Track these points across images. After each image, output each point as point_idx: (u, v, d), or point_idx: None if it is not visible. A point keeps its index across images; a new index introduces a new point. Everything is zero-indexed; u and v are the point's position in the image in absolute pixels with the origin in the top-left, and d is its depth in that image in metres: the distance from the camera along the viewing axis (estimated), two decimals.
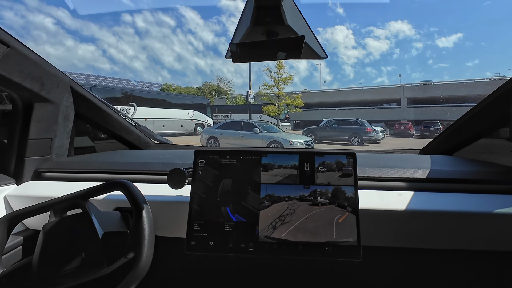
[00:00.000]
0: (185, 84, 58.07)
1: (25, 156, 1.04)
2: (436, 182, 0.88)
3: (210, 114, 21.18)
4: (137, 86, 41.41)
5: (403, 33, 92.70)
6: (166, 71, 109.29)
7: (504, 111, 0.93)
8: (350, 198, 0.74)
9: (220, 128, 10.83)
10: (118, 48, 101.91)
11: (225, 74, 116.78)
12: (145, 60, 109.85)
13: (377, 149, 1.38)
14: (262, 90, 20.85)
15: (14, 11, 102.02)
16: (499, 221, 0.76)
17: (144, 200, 0.74)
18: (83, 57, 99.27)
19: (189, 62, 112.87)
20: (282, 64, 19.72)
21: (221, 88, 44.56)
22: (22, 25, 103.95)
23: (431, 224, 0.79)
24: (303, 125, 21.69)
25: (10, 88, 0.96)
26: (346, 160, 0.77)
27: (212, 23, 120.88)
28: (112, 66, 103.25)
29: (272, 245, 0.72)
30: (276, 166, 0.79)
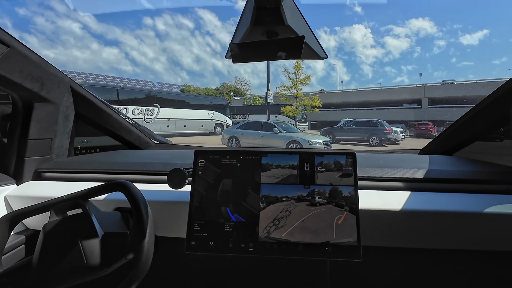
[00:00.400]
0: (203, 85, 59.33)
1: (25, 156, 1.04)
2: (436, 182, 0.88)
3: (229, 115, 21.70)
4: (158, 87, 42.78)
5: (424, 31, 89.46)
6: (185, 72, 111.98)
7: (504, 111, 0.93)
8: (350, 198, 0.74)
9: (240, 128, 11.17)
10: (139, 50, 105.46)
11: (242, 74, 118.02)
12: (165, 62, 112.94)
13: (377, 149, 1.40)
14: (280, 91, 21.12)
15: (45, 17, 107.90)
16: (499, 221, 0.76)
17: (144, 201, 0.74)
18: (107, 59, 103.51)
19: (207, 63, 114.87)
20: (300, 65, 19.90)
21: (239, 89, 45.09)
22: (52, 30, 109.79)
23: (431, 224, 0.79)
24: (320, 125, 21.76)
25: (10, 88, 0.96)
26: (346, 160, 0.78)
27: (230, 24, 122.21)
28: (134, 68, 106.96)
29: (272, 245, 0.72)
30: (276, 166, 0.79)
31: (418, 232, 0.80)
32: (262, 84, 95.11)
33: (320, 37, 60.39)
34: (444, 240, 0.80)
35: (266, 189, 0.77)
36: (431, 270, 0.89)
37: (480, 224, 0.77)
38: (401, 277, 0.92)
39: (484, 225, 0.77)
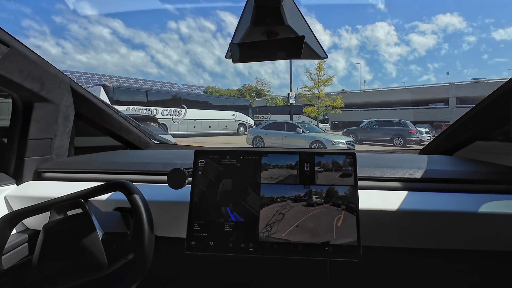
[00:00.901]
0: (225, 86, 60.69)
1: (25, 156, 1.04)
2: (436, 182, 0.88)
3: (251, 115, 22.18)
4: (182, 89, 44.10)
5: (452, 27, 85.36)
6: (207, 73, 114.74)
7: (504, 111, 0.93)
8: (350, 198, 0.74)
9: (264, 128, 11.50)
10: (164, 53, 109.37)
11: (263, 75, 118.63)
12: (188, 64, 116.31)
13: (377, 149, 1.40)
14: (302, 92, 21.28)
15: (79, 23, 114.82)
16: (499, 221, 0.76)
17: (144, 201, 0.74)
18: (134, 63, 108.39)
19: (228, 64, 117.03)
20: (322, 66, 19.87)
21: (260, 89, 45.52)
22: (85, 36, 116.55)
23: (431, 224, 0.79)
24: (342, 126, 21.65)
25: (10, 88, 0.96)
26: (346, 160, 0.78)
27: None
28: (159, 71, 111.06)
29: (272, 245, 0.73)
30: (276, 166, 0.79)
31: (418, 232, 0.80)
32: (282, 85, 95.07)
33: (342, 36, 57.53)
34: (444, 240, 0.80)
35: (266, 189, 0.77)
36: (431, 270, 0.89)
37: (480, 224, 0.77)
38: (401, 277, 0.92)
39: (484, 225, 0.77)
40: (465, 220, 0.77)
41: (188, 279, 1.02)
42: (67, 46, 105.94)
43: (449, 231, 0.79)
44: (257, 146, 10.78)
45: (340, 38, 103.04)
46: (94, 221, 0.73)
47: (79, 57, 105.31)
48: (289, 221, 0.74)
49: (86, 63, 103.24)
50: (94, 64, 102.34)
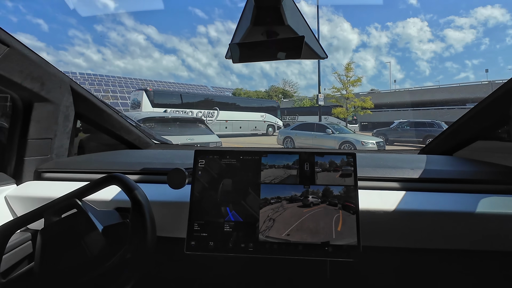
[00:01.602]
0: (252, 88, 61.85)
1: (25, 156, 1.04)
2: (436, 182, 0.88)
3: (280, 116, 22.68)
4: (212, 91, 45.57)
5: (494, 20, 78.94)
6: (234, 75, 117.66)
7: (504, 111, 0.93)
8: (350, 198, 0.74)
9: (294, 129, 11.79)
10: (194, 57, 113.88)
11: (289, 76, 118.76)
12: (217, 67, 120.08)
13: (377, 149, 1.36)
14: (331, 93, 21.28)
15: (117, 31, 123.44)
16: (499, 221, 0.76)
17: (140, 190, 0.73)
18: (166, 66, 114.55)
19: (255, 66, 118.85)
20: (351, 67, 19.80)
21: (287, 91, 45.82)
22: (122, 43, 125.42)
23: (431, 224, 0.79)
24: (372, 126, 21.39)
25: (10, 88, 0.96)
26: (346, 160, 0.78)
27: None
28: (189, 74, 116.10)
29: (272, 245, 0.73)
30: (276, 166, 0.79)
31: (418, 232, 0.80)
32: (309, 85, 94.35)
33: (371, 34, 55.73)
34: (444, 240, 0.80)
35: (266, 189, 0.77)
36: (431, 270, 0.90)
37: (480, 224, 0.77)
38: (401, 277, 0.92)
39: (484, 225, 0.77)
40: (465, 220, 0.77)
41: (188, 279, 1.01)
42: (106, 53, 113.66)
43: (449, 231, 0.79)
44: (287, 146, 11.19)
45: (369, 36, 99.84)
46: (91, 218, 0.71)
47: (117, 62, 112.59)
48: (289, 221, 0.74)
49: (123, 68, 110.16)
50: (130, 69, 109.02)
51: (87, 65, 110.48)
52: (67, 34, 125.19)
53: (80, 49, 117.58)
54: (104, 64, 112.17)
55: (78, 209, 0.73)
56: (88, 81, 34.38)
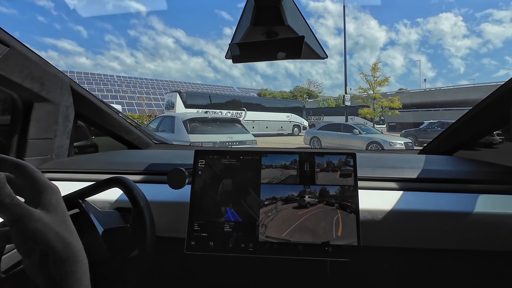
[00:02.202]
0: (276, 88, 62.28)
1: (25, 156, 1.04)
2: (436, 182, 0.88)
3: (305, 117, 23.05)
4: (238, 92, 46.75)
5: None
6: (259, 76, 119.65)
7: (504, 111, 0.93)
8: (350, 198, 0.74)
9: (321, 129, 11.99)
10: (220, 58, 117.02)
11: (314, 76, 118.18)
12: (242, 68, 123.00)
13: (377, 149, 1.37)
14: (357, 93, 20.85)
15: (148, 35, 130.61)
16: (499, 221, 0.77)
17: (142, 195, 0.74)
18: (193, 68, 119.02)
19: (280, 66, 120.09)
20: (378, 67, 19.59)
21: (312, 91, 45.80)
22: (153, 46, 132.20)
23: (431, 224, 0.79)
24: (400, 127, 21.01)
25: (10, 88, 0.96)
26: (346, 160, 0.78)
27: None
28: (215, 75, 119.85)
29: (272, 245, 0.73)
30: (276, 166, 0.79)
31: (418, 232, 0.80)
32: (334, 85, 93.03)
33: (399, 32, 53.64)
34: (444, 240, 0.80)
35: (266, 189, 0.77)
36: (431, 270, 0.90)
37: (480, 224, 0.77)
38: (401, 277, 0.93)
39: (484, 225, 0.77)
40: (465, 220, 0.77)
41: (188, 279, 1.02)
42: (139, 56, 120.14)
43: (449, 231, 0.79)
44: (314, 146, 11.40)
45: (397, 33, 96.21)
46: (92, 219, 0.71)
47: (148, 65, 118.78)
48: (289, 221, 0.74)
49: (154, 70, 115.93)
50: (160, 71, 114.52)
51: (121, 68, 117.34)
52: (103, 39, 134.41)
53: (115, 53, 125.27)
54: (137, 67, 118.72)
55: (80, 209, 0.73)
56: (124, 83, 36.55)
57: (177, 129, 6.33)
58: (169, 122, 6.84)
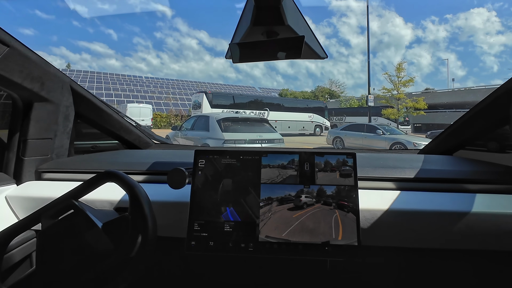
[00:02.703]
0: (297, 88, 62.31)
1: (25, 156, 1.04)
2: (436, 182, 0.89)
3: (327, 117, 23.12)
4: (260, 92, 47.44)
5: None
6: (280, 76, 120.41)
7: (504, 111, 0.93)
8: (350, 198, 0.74)
9: (344, 129, 11.98)
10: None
11: (336, 75, 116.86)
12: (263, 68, 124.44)
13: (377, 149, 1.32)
14: (380, 94, 20.77)
15: (173, 37, 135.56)
16: (499, 221, 0.77)
17: (136, 182, 0.72)
18: (216, 68, 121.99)
19: (301, 66, 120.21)
20: (402, 67, 19.04)
21: (333, 91, 45.45)
22: (177, 48, 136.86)
23: (431, 224, 0.79)
24: (426, 128, 20.53)
25: (10, 88, 0.96)
26: (346, 160, 0.78)
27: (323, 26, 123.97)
28: (237, 75, 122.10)
29: (272, 245, 0.73)
30: (276, 166, 0.79)
31: (418, 232, 0.81)
32: (357, 85, 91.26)
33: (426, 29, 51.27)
34: (444, 240, 0.80)
35: (266, 189, 0.77)
36: (431, 270, 0.90)
37: (480, 224, 0.77)
38: (401, 277, 0.92)
39: (484, 224, 0.77)
40: (465, 220, 0.77)
41: (188, 279, 1.01)
42: (164, 57, 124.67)
43: (449, 231, 0.79)
44: (337, 146, 11.38)
45: (424, 31, 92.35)
46: (89, 215, 0.71)
47: (173, 66, 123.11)
48: (289, 221, 0.74)
49: (178, 71, 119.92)
50: (184, 71, 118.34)
51: (147, 69, 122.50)
52: (131, 41, 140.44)
53: (142, 55, 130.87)
54: (162, 68, 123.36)
55: (75, 209, 0.72)
56: (152, 84, 38.35)
57: (212, 128, 6.78)
58: (203, 121, 7.33)
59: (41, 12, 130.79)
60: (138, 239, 0.66)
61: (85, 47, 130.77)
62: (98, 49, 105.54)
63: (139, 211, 0.68)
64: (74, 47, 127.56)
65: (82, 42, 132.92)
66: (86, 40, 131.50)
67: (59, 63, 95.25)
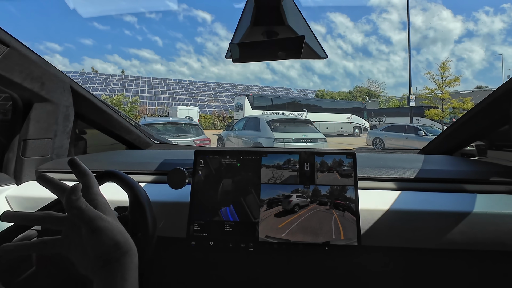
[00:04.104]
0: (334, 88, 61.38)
1: (25, 156, 1.04)
2: (436, 182, 0.89)
3: (366, 118, 23.10)
4: (296, 93, 47.71)
5: None
6: (316, 76, 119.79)
7: (504, 111, 0.93)
8: (350, 198, 0.75)
9: (384, 130, 12.15)
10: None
11: (375, 74, 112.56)
12: (299, 68, 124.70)
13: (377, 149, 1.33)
14: (424, 94, 19.92)
15: (212, 41, 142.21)
16: (499, 221, 0.77)
17: (135, 181, 0.72)
18: (253, 70, 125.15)
19: (338, 65, 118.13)
20: (447, 66, 18.02)
21: (372, 91, 44.24)
22: (216, 51, 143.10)
23: (431, 224, 0.79)
24: None
25: (10, 88, 0.96)
26: (347, 160, 0.78)
27: (362, 23, 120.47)
28: (273, 76, 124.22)
29: (272, 245, 0.73)
30: (276, 166, 0.79)
31: (418, 232, 0.81)
32: (398, 83, 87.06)
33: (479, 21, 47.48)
34: (444, 240, 0.80)
35: (266, 189, 0.77)
36: (431, 270, 0.90)
37: (480, 224, 0.78)
38: (401, 277, 0.93)
39: (484, 225, 0.78)
40: (465, 220, 0.78)
41: (188, 279, 1.01)
42: (204, 61, 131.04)
43: (449, 231, 0.79)
44: (377, 147, 11.51)
45: (476, 23, 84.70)
46: None
47: (212, 69, 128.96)
48: (289, 221, 0.74)
49: (217, 73, 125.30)
50: (223, 74, 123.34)
51: (189, 72, 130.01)
52: (175, 47, 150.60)
53: (184, 59, 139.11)
54: (202, 71, 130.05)
55: None
56: (195, 87, 40.69)
57: (262, 128, 7.58)
58: (253, 122, 8.23)
59: (98, 23, 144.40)
60: (138, 238, 0.65)
61: (134, 53, 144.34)
62: (146, 55, 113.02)
63: (139, 211, 0.68)
64: (125, 54, 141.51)
65: (132, 49, 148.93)
66: (135, 47, 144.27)
67: (113, 69, 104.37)
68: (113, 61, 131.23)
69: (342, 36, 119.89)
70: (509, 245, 0.79)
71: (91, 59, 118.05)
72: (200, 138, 6.68)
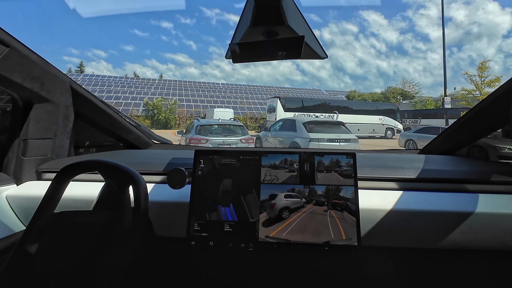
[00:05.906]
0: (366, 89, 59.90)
1: (25, 156, 1.05)
2: (436, 182, 0.89)
3: (399, 119, 22.74)
4: (326, 94, 47.28)
5: None
6: (347, 77, 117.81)
7: (504, 111, 0.93)
8: (350, 198, 0.75)
9: (417, 132, 12.30)
10: (308, 61, 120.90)
11: (411, 74, 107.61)
12: (330, 69, 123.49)
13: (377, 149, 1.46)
14: (460, 96, 19.24)
15: None
16: (499, 221, 0.77)
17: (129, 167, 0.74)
18: (282, 72, 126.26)
19: (371, 65, 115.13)
20: (486, 66, 17.46)
21: (406, 91, 42.85)
22: None
23: (431, 224, 0.80)
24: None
25: (10, 88, 0.97)
26: (346, 160, 0.78)
27: (396, 20, 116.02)
28: (303, 77, 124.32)
29: (272, 245, 0.73)
30: (276, 166, 0.80)
31: (418, 232, 0.81)
32: (436, 83, 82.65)
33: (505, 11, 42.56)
34: (444, 240, 0.80)
35: (266, 189, 0.78)
36: (431, 270, 0.91)
37: (480, 224, 0.78)
38: (401, 277, 0.93)
39: (484, 225, 0.78)
40: (465, 220, 0.78)
41: (188, 279, 1.01)
42: (235, 64, 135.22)
43: (449, 231, 0.79)
44: (409, 148, 11.93)
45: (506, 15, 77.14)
46: None
47: (243, 71, 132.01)
48: (289, 221, 0.74)
49: (248, 75, 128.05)
50: (253, 76, 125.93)
51: (221, 75, 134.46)
52: (208, 51, 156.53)
53: (217, 62, 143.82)
54: (234, 74, 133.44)
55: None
56: (228, 89, 42.06)
57: (298, 129, 7.99)
58: (289, 123, 8.72)
59: (138, 30, 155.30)
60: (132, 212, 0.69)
61: (170, 58, 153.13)
62: (181, 59, 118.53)
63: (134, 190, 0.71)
64: (162, 59, 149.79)
65: (168, 54, 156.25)
66: (171, 52, 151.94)
67: (151, 73, 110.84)
68: (151, 65, 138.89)
69: (375, 34, 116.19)
70: (509, 245, 0.79)
71: (132, 64, 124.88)
72: (245, 138, 7.41)
